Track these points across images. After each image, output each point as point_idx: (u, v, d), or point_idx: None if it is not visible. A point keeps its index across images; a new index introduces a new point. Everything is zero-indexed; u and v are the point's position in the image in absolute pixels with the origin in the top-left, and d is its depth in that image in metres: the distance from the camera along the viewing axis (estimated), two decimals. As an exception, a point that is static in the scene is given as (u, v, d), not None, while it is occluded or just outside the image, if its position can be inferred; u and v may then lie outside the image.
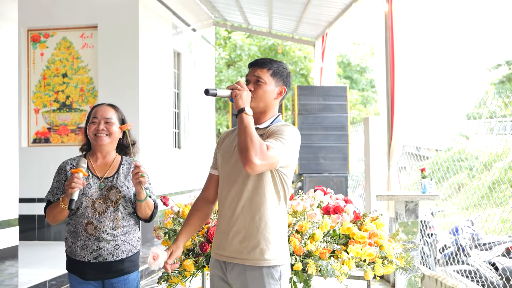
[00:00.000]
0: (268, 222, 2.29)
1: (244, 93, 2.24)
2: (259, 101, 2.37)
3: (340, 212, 3.24)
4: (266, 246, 2.28)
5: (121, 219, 2.76)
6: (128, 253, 2.79)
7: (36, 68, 8.24)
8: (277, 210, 2.33)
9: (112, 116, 2.85)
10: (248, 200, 2.30)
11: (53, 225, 7.97)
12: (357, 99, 21.72)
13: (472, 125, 6.58)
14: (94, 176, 2.82)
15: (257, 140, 2.13)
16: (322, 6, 9.26)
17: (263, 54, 19.48)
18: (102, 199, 2.76)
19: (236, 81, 2.32)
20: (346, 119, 8.98)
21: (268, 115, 2.43)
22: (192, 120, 10.48)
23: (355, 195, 9.81)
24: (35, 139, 8.21)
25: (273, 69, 2.40)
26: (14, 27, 4.96)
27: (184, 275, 3.06)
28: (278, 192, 2.33)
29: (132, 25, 7.90)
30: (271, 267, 2.28)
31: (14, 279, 4.80)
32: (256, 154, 2.10)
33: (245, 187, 2.30)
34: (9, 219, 4.73)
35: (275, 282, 2.28)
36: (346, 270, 2.89)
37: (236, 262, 2.31)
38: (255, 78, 2.39)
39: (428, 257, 6.19)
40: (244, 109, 2.21)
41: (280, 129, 2.32)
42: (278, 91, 2.42)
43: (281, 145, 2.22)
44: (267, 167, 2.19)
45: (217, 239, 2.41)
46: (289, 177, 2.36)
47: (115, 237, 2.75)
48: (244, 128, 2.16)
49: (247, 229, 2.30)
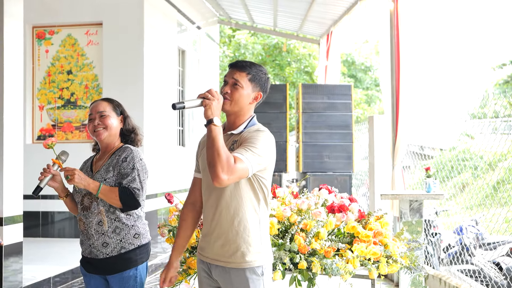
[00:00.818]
0: (247, 225, 2.31)
1: (214, 103, 2.22)
2: (234, 104, 2.37)
3: (345, 210, 3.23)
4: (247, 249, 2.30)
5: (105, 212, 2.73)
6: (120, 250, 2.74)
7: (41, 65, 8.25)
8: (257, 213, 2.34)
9: (105, 109, 2.85)
10: (226, 205, 2.32)
11: (59, 220, 7.99)
12: (362, 98, 21.68)
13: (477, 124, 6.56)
14: (89, 172, 2.86)
15: (224, 154, 2.13)
16: (327, 4, 9.24)
17: (268, 52, 19.47)
18: (89, 194, 2.77)
19: (208, 89, 2.29)
20: (350, 117, 8.96)
21: (242, 119, 2.42)
22: (196, 118, 10.49)
23: (359, 194, 9.80)
24: (40, 136, 8.23)
25: (252, 74, 2.39)
26: (19, 24, 4.96)
27: (188, 273, 3.07)
28: (257, 195, 2.34)
29: (137, 22, 7.90)
30: (254, 268, 2.31)
31: (18, 275, 4.81)
32: (223, 170, 2.10)
33: (222, 193, 2.31)
34: (14, 216, 4.75)
35: (257, 277, 2.31)
36: (350, 268, 2.88)
37: (219, 264, 2.35)
38: (233, 81, 2.38)
39: (432, 256, 6.18)
40: (213, 120, 2.19)
41: (252, 136, 2.31)
42: (254, 96, 2.41)
43: (251, 154, 2.22)
44: (236, 179, 2.20)
45: (201, 241, 2.44)
46: (267, 179, 2.37)
47: (103, 234, 2.73)
48: (212, 141, 2.15)
49: (227, 233, 2.32)
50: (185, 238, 2.54)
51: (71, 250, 6.98)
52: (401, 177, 6.22)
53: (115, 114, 2.88)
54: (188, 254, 3.10)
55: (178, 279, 3.01)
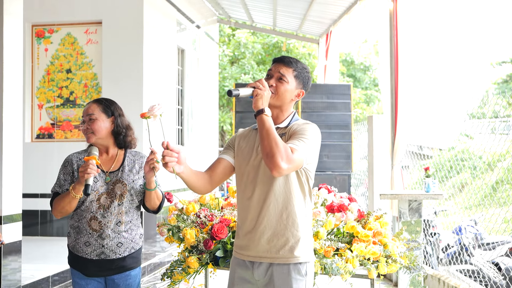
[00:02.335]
0: (295, 219, 2.29)
1: (265, 93, 2.23)
2: (277, 98, 2.36)
3: (344, 210, 3.24)
4: (296, 243, 2.28)
5: (125, 213, 2.75)
6: (131, 250, 2.80)
7: (40, 64, 8.25)
8: (304, 206, 2.33)
9: (94, 111, 2.77)
10: (274, 199, 2.29)
11: (58, 219, 7.98)
12: (361, 97, 21.69)
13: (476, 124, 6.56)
14: (100, 170, 2.81)
15: (281, 144, 2.12)
16: (327, 4, 9.24)
17: (267, 52, 19.46)
18: (107, 194, 2.75)
19: (258, 79, 2.27)
20: (349, 117, 8.96)
21: (285, 114, 2.42)
22: (195, 117, 10.49)
23: (358, 194, 9.80)
24: (39, 134, 8.22)
25: (298, 71, 2.40)
26: (19, 22, 4.96)
27: (187, 272, 3.06)
28: (303, 189, 2.33)
29: (136, 21, 7.90)
30: (299, 264, 2.28)
31: (17, 274, 4.81)
32: (283, 159, 2.09)
33: (271, 186, 2.29)
34: (13, 214, 4.74)
35: (301, 277, 2.27)
36: (350, 268, 2.88)
37: (264, 261, 2.30)
38: (279, 75, 2.37)
39: (431, 256, 6.18)
40: (264, 110, 2.19)
41: (302, 128, 2.31)
42: (297, 93, 2.42)
43: (304, 145, 2.21)
44: (293, 169, 2.20)
45: (242, 240, 2.37)
46: (313, 172, 2.36)
47: (119, 234, 2.74)
48: (267, 131, 2.15)
49: (275, 227, 2.28)
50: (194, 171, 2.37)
51: (70, 249, 6.97)
52: (400, 177, 6.23)
53: (105, 116, 2.78)
54: (188, 253, 3.10)
55: (177, 278, 3.01)
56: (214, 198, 3.54)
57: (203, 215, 3.23)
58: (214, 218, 3.21)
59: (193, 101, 10.44)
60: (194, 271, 3.08)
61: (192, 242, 3.10)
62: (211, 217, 3.21)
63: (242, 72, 18.77)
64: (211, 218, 3.21)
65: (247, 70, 18.72)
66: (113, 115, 2.82)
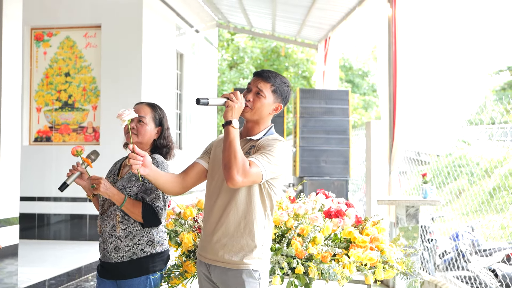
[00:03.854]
0: (252, 229, 2.35)
1: (236, 105, 2.27)
2: (254, 113, 2.41)
3: (342, 216, 3.24)
4: (249, 252, 2.34)
5: (121, 218, 2.71)
6: (132, 256, 2.70)
7: (39, 67, 8.25)
8: (263, 219, 2.38)
9: (146, 115, 2.77)
10: (235, 207, 2.35)
11: (55, 223, 7.97)
12: (359, 103, 21.72)
13: (473, 131, 6.58)
14: (115, 176, 2.81)
15: (240, 157, 2.18)
16: (326, 9, 9.27)
17: (266, 57, 19.49)
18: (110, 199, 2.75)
19: (233, 91, 2.31)
20: (347, 123, 8.98)
21: (261, 127, 2.46)
22: (194, 121, 10.49)
23: (356, 199, 9.81)
24: (37, 137, 8.22)
25: (276, 86, 2.42)
26: (18, 25, 4.97)
27: (185, 276, 3.06)
28: (264, 202, 2.37)
29: (135, 25, 7.91)
30: (251, 270, 2.34)
31: (13, 277, 4.80)
32: (238, 172, 2.16)
33: (234, 194, 2.34)
34: (10, 218, 4.74)
35: (254, 280, 2.34)
36: (347, 274, 2.89)
37: (218, 265, 2.37)
38: (256, 90, 2.41)
39: (428, 262, 6.18)
40: (231, 122, 2.24)
41: (269, 144, 2.35)
42: (274, 107, 2.45)
43: (266, 161, 2.26)
44: (250, 183, 2.25)
45: (202, 241, 2.47)
46: (277, 187, 2.40)
47: (116, 238, 2.71)
48: (229, 143, 2.21)
49: (232, 234, 2.35)
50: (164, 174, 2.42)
51: (66, 252, 6.96)
52: (398, 183, 6.23)
53: (154, 124, 2.79)
54: (185, 258, 3.10)
55: (175, 283, 3.01)
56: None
57: (201, 220, 3.23)
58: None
59: (192, 106, 10.45)
60: (191, 276, 3.08)
61: (189, 247, 3.10)
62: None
63: (240, 76, 18.81)
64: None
65: (246, 74, 18.75)
66: (161, 126, 2.83)
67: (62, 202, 7.93)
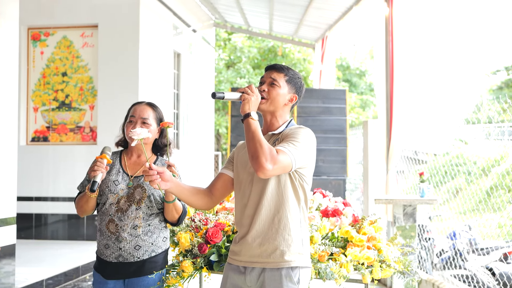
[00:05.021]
0: (287, 223, 2.29)
1: (253, 98, 2.26)
2: (270, 103, 2.39)
3: (339, 215, 3.24)
4: (286, 247, 2.28)
5: (142, 218, 2.72)
6: (151, 254, 2.75)
7: (36, 67, 8.24)
8: (297, 212, 2.33)
9: (149, 116, 2.79)
10: (267, 203, 2.30)
11: (53, 223, 7.96)
12: (356, 102, 21.74)
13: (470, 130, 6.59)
14: (124, 174, 2.79)
15: (266, 145, 2.14)
16: (323, 9, 9.28)
17: (263, 56, 19.49)
18: (127, 197, 2.73)
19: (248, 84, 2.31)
20: (345, 122, 8.99)
21: (280, 120, 2.44)
22: (191, 121, 10.49)
23: (353, 198, 9.82)
24: (34, 137, 8.21)
25: (289, 76, 2.44)
26: (14, 25, 4.95)
27: (182, 276, 3.06)
28: (297, 194, 2.33)
29: (132, 25, 7.91)
30: (290, 269, 2.27)
31: (10, 277, 4.79)
32: (267, 159, 2.11)
33: (263, 190, 2.30)
34: (7, 218, 4.73)
35: (293, 285, 2.26)
36: (344, 273, 2.89)
37: (256, 266, 2.31)
38: (271, 80, 2.41)
39: (425, 261, 6.19)
40: (250, 114, 2.22)
41: (293, 132, 2.32)
42: (289, 97, 2.44)
43: (293, 148, 2.22)
44: (280, 171, 2.19)
45: (236, 246, 2.39)
46: (308, 177, 2.36)
47: (136, 237, 2.71)
48: (252, 134, 2.18)
49: (266, 231, 2.30)
50: (188, 187, 2.40)
51: (64, 252, 6.96)
52: (395, 182, 6.24)
53: (156, 124, 2.82)
54: (182, 257, 3.09)
55: (172, 282, 3.01)
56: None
57: (198, 219, 3.23)
58: (209, 222, 3.21)
59: (189, 105, 10.45)
60: (188, 275, 3.08)
61: (186, 246, 3.10)
62: (206, 221, 3.21)
63: (238, 76, 18.80)
64: (205, 222, 3.21)
65: (243, 74, 18.75)
66: None
67: (59, 202, 7.92)
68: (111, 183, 2.75)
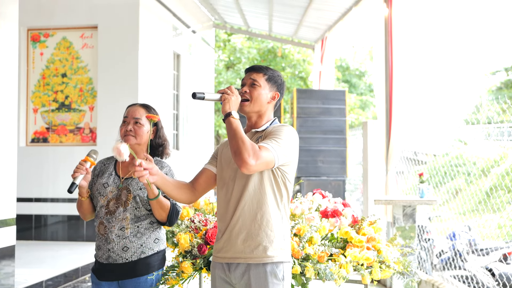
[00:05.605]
0: (270, 219, 2.33)
1: (232, 98, 2.30)
2: (253, 103, 2.44)
3: (338, 215, 3.24)
4: (269, 243, 2.32)
5: (130, 219, 2.73)
6: (140, 255, 2.75)
7: (35, 68, 8.24)
8: (279, 209, 2.37)
9: (141, 116, 2.82)
10: (249, 199, 2.34)
11: (52, 224, 7.97)
12: (356, 103, 21.74)
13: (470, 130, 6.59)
14: (116, 176, 2.81)
15: (248, 141, 2.19)
16: (322, 10, 9.28)
17: (262, 57, 19.50)
18: (116, 199, 2.75)
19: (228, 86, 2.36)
20: (344, 123, 9.00)
21: (264, 119, 2.49)
22: (191, 122, 10.49)
23: (353, 199, 9.82)
24: (34, 138, 8.21)
25: (268, 75, 2.49)
26: (14, 26, 4.96)
27: (181, 277, 3.06)
28: (280, 191, 2.37)
29: (132, 26, 7.91)
30: (274, 264, 2.31)
31: (10, 278, 4.79)
32: (249, 155, 2.15)
33: (246, 186, 2.34)
34: (7, 219, 4.73)
35: (278, 281, 2.31)
36: (344, 273, 2.89)
37: (240, 262, 2.34)
38: (251, 81, 2.46)
39: (425, 262, 6.20)
40: (231, 113, 2.27)
41: (276, 130, 2.37)
42: (271, 95, 2.49)
43: (276, 144, 2.26)
44: (263, 167, 2.23)
45: (219, 243, 2.43)
46: (290, 174, 2.40)
47: (124, 238, 2.72)
48: (234, 132, 2.22)
49: (249, 228, 2.33)
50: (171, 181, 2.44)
51: (64, 253, 6.96)
52: (395, 183, 6.24)
53: (149, 124, 2.84)
54: (182, 258, 3.10)
55: (172, 283, 3.01)
56: (209, 203, 3.54)
57: (197, 220, 3.23)
58: (208, 223, 3.21)
59: (189, 106, 10.45)
60: (188, 276, 3.08)
61: (186, 247, 3.10)
62: (205, 222, 3.21)
63: (237, 77, 18.81)
64: (205, 223, 3.21)
65: (243, 75, 18.73)
66: (156, 126, 2.89)
67: (59, 203, 7.92)
68: (100, 186, 2.79)
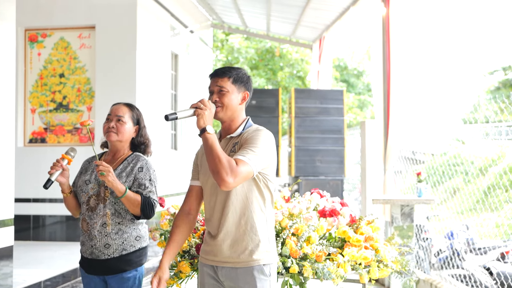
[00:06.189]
0: (254, 224, 2.36)
1: (206, 112, 2.29)
2: (225, 110, 2.43)
3: (336, 215, 3.24)
4: (255, 247, 2.35)
5: (111, 215, 2.78)
6: (122, 252, 2.80)
7: (33, 68, 8.23)
8: (263, 212, 2.40)
9: (124, 115, 2.89)
10: (233, 207, 2.36)
11: (50, 224, 7.96)
12: (354, 102, 21.75)
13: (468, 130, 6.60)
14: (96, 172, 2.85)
15: (224, 159, 2.19)
16: (320, 9, 9.29)
17: (260, 57, 19.50)
18: (96, 196, 2.82)
19: (200, 99, 2.34)
20: (342, 122, 9.00)
21: (237, 122, 2.48)
22: (189, 122, 10.47)
23: (351, 199, 9.83)
24: (32, 139, 8.20)
25: (234, 77, 2.46)
26: (12, 26, 4.95)
27: (179, 276, 3.07)
28: (262, 194, 2.39)
29: (130, 26, 7.90)
30: (262, 265, 2.35)
31: (8, 279, 4.79)
32: (227, 174, 2.17)
33: (228, 194, 2.36)
34: (5, 219, 4.72)
35: (265, 277, 2.35)
36: (341, 273, 2.89)
37: (226, 266, 2.38)
38: (218, 88, 2.44)
39: (423, 261, 6.20)
40: (206, 129, 2.26)
41: (252, 137, 2.36)
42: (241, 97, 2.48)
43: (252, 155, 2.27)
44: (242, 181, 2.25)
45: (206, 246, 2.47)
46: (271, 175, 2.42)
47: (106, 235, 2.78)
48: (210, 149, 2.22)
49: (234, 234, 2.36)
50: (177, 244, 2.53)
51: (62, 253, 6.95)
52: (393, 182, 6.25)
53: (132, 123, 2.93)
54: (180, 258, 3.10)
55: (169, 283, 3.02)
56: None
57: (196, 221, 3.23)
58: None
59: (187, 106, 10.44)
60: (186, 276, 3.08)
61: (184, 247, 3.10)
62: (203, 222, 3.22)
63: (236, 77, 18.77)
64: (203, 223, 3.22)
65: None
66: (138, 125, 2.97)
67: (57, 204, 7.91)
68: (83, 183, 2.87)
